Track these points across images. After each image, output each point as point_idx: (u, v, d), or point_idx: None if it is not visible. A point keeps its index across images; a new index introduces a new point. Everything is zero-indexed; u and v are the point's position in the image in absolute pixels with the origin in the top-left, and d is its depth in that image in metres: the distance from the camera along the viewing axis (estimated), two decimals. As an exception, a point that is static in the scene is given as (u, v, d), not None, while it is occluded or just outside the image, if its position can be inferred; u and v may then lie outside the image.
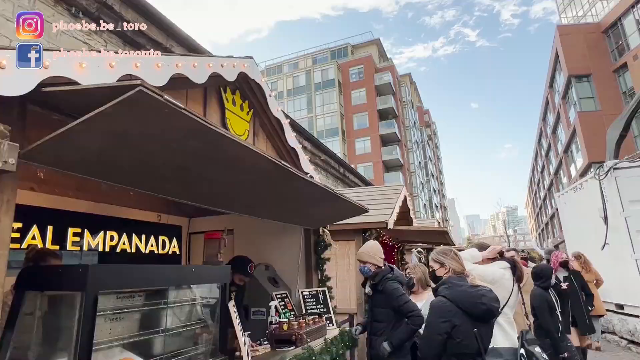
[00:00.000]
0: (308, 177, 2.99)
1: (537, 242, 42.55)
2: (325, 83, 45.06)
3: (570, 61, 26.41)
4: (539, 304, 4.26)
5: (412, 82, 61.17)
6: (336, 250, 6.23)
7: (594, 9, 37.32)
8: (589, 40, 26.79)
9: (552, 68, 30.80)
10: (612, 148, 9.38)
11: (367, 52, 47.50)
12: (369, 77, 44.17)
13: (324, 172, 13.53)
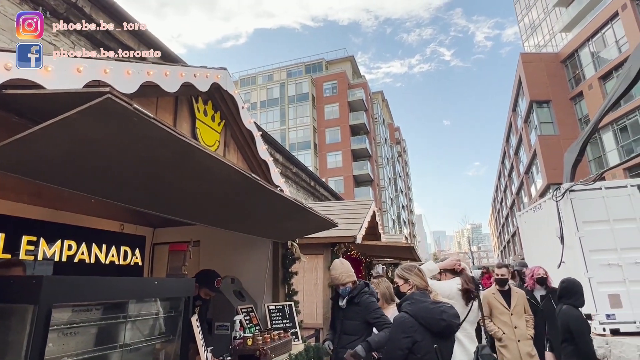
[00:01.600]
0: (278, 190, 2.99)
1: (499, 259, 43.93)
2: (299, 96, 45.38)
3: (532, 87, 27.89)
4: (578, 326, 3.49)
5: (384, 100, 62.58)
6: (304, 264, 6.22)
7: (554, 39, 39.72)
8: (549, 69, 28.45)
9: (516, 93, 32.39)
10: (568, 171, 9.89)
11: (341, 68, 48.30)
12: (343, 93, 44.86)
13: (294, 185, 13.52)
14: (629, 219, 6.91)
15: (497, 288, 4.71)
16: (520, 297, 4.62)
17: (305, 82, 45.72)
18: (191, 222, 3.56)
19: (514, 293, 4.65)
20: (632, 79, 8.91)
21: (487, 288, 6.58)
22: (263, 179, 4.20)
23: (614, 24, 23.94)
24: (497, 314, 4.55)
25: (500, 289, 4.69)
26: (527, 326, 4.49)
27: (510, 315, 4.48)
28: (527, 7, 46.15)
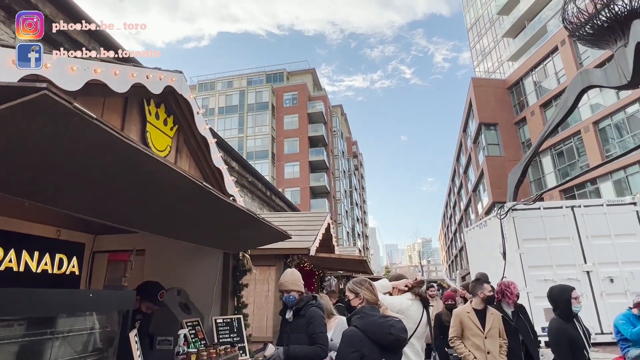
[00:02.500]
0: (231, 200, 2.91)
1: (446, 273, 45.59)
2: (258, 105, 45.10)
3: (481, 110, 29.57)
4: (552, 338, 3.51)
5: (343, 114, 63.68)
6: (256, 276, 6.09)
7: (502, 67, 42.52)
8: (497, 94, 30.34)
9: (467, 114, 34.16)
10: (511, 191, 10.51)
11: (302, 79, 48.68)
12: (303, 104, 45.14)
13: (250, 194, 13.31)
14: (563, 238, 7.43)
15: (473, 307, 4.22)
16: (496, 319, 4.17)
17: (266, 91, 45.57)
18: (136, 230, 3.37)
19: (489, 314, 4.18)
20: (568, 108, 9.67)
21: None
22: (216, 187, 4.09)
23: (554, 57, 26.06)
24: (470, 336, 4.10)
25: (477, 307, 4.21)
26: (500, 352, 4.06)
27: (484, 338, 4.02)
28: (479, 35, 49.15)
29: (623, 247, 7.16)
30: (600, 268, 7.10)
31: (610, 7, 8.38)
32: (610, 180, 21.72)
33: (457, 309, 4.40)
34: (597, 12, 8.62)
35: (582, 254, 7.24)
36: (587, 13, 8.86)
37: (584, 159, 23.43)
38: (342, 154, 55.91)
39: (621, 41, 8.24)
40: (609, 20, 8.39)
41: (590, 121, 22.83)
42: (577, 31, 9.17)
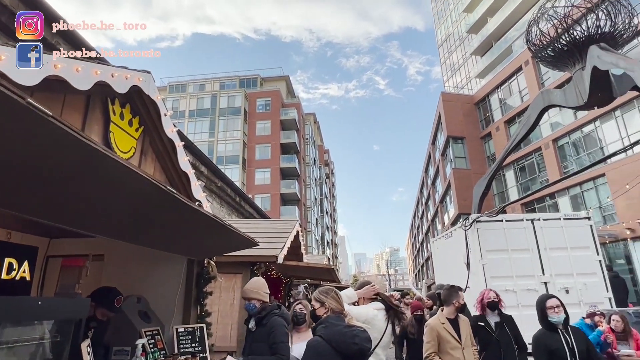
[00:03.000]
0: (196, 205, 2.83)
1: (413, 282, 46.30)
2: (231, 110, 44.60)
3: (449, 124, 30.49)
4: (532, 348, 3.43)
5: (316, 122, 63.97)
6: (221, 284, 5.95)
7: (470, 83, 44.13)
8: (464, 109, 31.41)
9: (435, 127, 35.11)
10: (476, 203, 10.84)
11: (275, 86, 48.61)
12: (276, 111, 45.03)
13: (219, 199, 13.06)
14: (523, 250, 7.70)
15: (447, 316, 3.90)
16: (467, 326, 3.89)
17: (239, 96, 45.16)
18: (94, 234, 3.22)
19: (461, 322, 3.88)
20: (530, 125, 10.11)
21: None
22: (182, 191, 3.98)
23: (519, 76, 27.30)
24: (449, 349, 3.68)
25: (449, 316, 3.90)
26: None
27: (462, 349, 3.68)
28: (449, 52, 50.85)
29: (578, 259, 7.50)
30: (556, 279, 7.40)
31: (570, 32, 8.87)
32: (567, 195, 22.83)
33: (430, 321, 4.02)
34: (558, 36, 9.11)
35: (540, 265, 7.53)
36: (549, 36, 9.35)
37: (544, 174, 24.55)
38: (314, 161, 56.05)
39: (579, 64, 8.73)
40: (568, 44, 8.87)
41: (550, 138, 24.00)
42: (540, 53, 9.65)
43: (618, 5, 8.63)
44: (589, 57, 8.17)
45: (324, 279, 11.50)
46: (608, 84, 8.45)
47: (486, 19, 39.81)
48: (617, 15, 8.54)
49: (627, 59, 7.31)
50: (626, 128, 19.62)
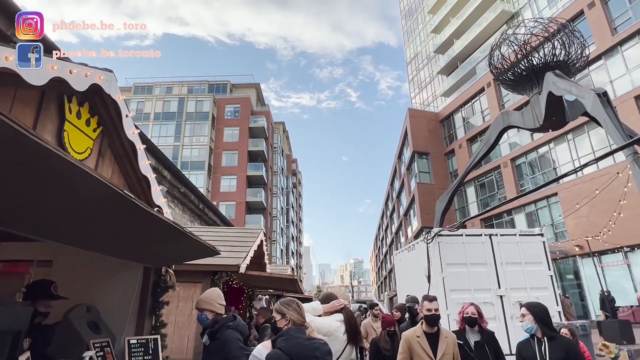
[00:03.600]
0: (155, 211, 2.72)
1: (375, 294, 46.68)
2: (198, 114, 43.76)
3: (415, 140, 31.34)
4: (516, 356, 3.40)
5: (285, 131, 63.93)
6: (179, 293, 5.74)
7: (436, 101, 45.68)
8: (430, 126, 32.42)
9: (402, 142, 35.97)
10: (438, 217, 11.14)
11: (246, 93, 48.26)
12: (245, 118, 44.62)
13: (181, 205, 12.69)
14: (481, 264, 7.95)
15: (425, 330, 3.58)
16: (450, 344, 3.55)
17: (207, 101, 44.44)
18: (41, 239, 3.02)
19: (442, 337, 3.54)
20: (490, 144, 10.55)
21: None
22: (142, 196, 3.83)
23: (481, 97, 28.55)
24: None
25: (428, 330, 3.57)
26: None
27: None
28: (417, 69, 52.51)
29: (531, 274, 7.82)
30: (511, 293, 7.68)
31: (529, 59, 9.40)
32: (523, 212, 23.93)
33: (406, 332, 3.75)
34: (517, 61, 9.63)
35: (497, 279, 7.79)
36: (510, 61, 9.86)
37: (502, 191, 25.64)
38: (282, 170, 55.83)
39: (536, 89, 9.24)
40: (527, 69, 9.39)
41: (509, 158, 25.16)
42: (501, 76, 10.15)
43: (572, 37, 9.25)
44: (545, 83, 8.67)
45: (287, 290, 11.37)
46: (562, 109, 8.99)
47: (453, 40, 41.53)
48: (571, 45, 9.15)
49: (579, 87, 7.82)
50: (577, 151, 20.90)
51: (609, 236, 14.86)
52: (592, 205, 15.60)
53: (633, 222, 15.30)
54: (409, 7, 55.92)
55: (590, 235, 16.33)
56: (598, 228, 15.31)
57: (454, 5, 41.30)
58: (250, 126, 44.46)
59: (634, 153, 6.22)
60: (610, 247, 17.25)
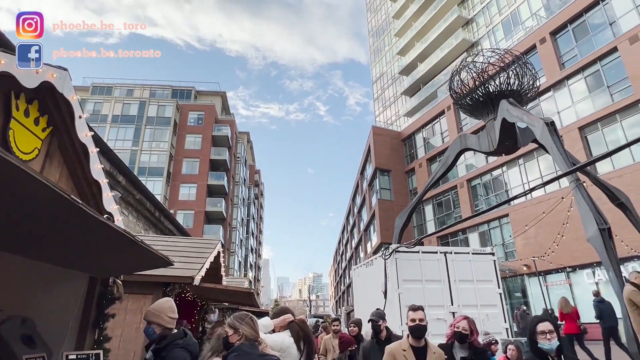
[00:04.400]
0: (104, 218, 2.58)
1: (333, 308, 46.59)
2: (160, 119, 42.47)
3: (377, 157, 32.03)
4: None
5: (249, 141, 63.37)
6: (127, 305, 5.46)
7: (399, 120, 47.06)
8: (392, 144, 33.30)
9: (365, 159, 36.64)
10: (397, 233, 11.37)
11: (211, 101, 47.52)
12: (208, 126, 43.81)
13: (135, 212, 12.16)
14: (436, 280, 8.16)
15: (411, 343, 3.28)
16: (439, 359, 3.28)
17: (170, 107, 43.29)
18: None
19: (430, 352, 3.26)
20: (448, 165, 10.96)
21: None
22: (91, 202, 3.64)
23: (441, 119, 29.75)
24: None
25: (414, 344, 3.27)
26: None
27: None
28: (382, 89, 54.01)
29: (481, 292, 8.12)
30: (463, 309, 7.90)
31: (486, 86, 9.94)
32: (477, 231, 24.92)
33: (390, 345, 3.45)
34: (475, 87, 10.15)
35: (450, 296, 8.02)
36: (468, 87, 10.37)
37: (458, 210, 26.63)
38: (244, 181, 55.08)
39: (492, 115, 9.75)
40: (483, 96, 9.91)
41: (465, 179, 26.25)
42: (460, 100, 10.64)
43: (525, 68, 9.89)
44: (500, 110, 9.18)
45: (243, 303, 11.11)
46: (514, 135, 9.54)
47: (417, 63, 43.19)
48: (524, 76, 9.78)
49: (530, 115, 8.33)
50: (527, 175, 22.16)
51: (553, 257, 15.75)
52: (540, 227, 16.52)
53: (575, 244, 16.32)
54: (377, 28, 57.72)
55: (537, 256, 17.26)
56: (544, 249, 16.20)
57: (419, 30, 43.09)
58: (213, 134, 43.66)
59: (576, 180, 6.67)
60: (554, 267, 18.30)
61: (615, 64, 18.62)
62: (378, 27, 57.26)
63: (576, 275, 18.71)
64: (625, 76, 17.97)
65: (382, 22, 55.68)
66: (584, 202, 6.28)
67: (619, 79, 18.36)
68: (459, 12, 37.09)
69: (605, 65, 19.14)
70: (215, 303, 10.53)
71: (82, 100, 42.83)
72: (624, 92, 17.95)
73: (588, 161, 5.73)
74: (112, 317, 4.29)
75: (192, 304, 8.40)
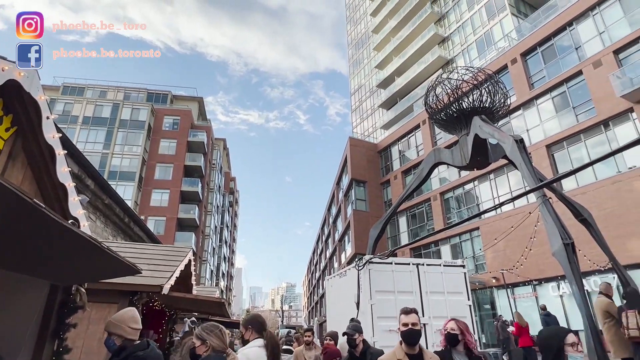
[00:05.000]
0: (68, 223, 2.48)
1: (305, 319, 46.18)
2: (133, 123, 41.45)
3: (354, 168, 32.30)
4: None
5: (226, 148, 62.68)
6: (91, 314, 5.24)
7: (376, 132, 47.74)
8: (368, 155, 33.67)
9: (341, 169, 36.87)
10: (371, 244, 11.42)
11: (187, 106, 46.82)
12: (184, 131, 43.09)
13: (104, 218, 11.75)
14: (408, 292, 8.22)
15: (405, 350, 2.97)
16: None
17: (145, 110, 42.35)
18: None
19: (427, 359, 3.00)
20: (422, 178, 11.14)
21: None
22: (56, 206, 3.50)
23: (417, 132, 30.36)
24: None
25: (408, 351, 2.96)
26: None
27: None
28: (360, 100, 54.75)
29: (452, 303, 8.24)
30: (434, 321, 8.00)
31: (459, 102, 10.22)
32: (449, 244, 25.39)
33: (383, 356, 3.16)
34: (449, 103, 10.42)
35: (421, 307, 8.09)
36: (443, 103, 10.65)
37: (431, 223, 27.09)
38: (219, 188, 54.28)
39: (465, 130, 10.02)
40: (457, 112, 10.19)
41: (438, 192, 26.79)
42: (435, 115, 10.89)
43: (497, 87, 10.25)
44: (473, 126, 9.45)
45: (214, 314, 10.87)
46: (486, 151, 9.82)
47: (394, 77, 44.11)
48: (496, 94, 10.12)
49: (501, 132, 8.61)
50: (497, 189, 22.83)
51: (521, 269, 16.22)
52: (508, 241, 17.01)
53: (541, 257, 16.87)
54: (356, 41, 58.69)
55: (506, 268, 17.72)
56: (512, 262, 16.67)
57: (397, 46, 44.11)
58: (189, 140, 42.96)
59: (543, 196, 6.91)
60: (522, 280, 18.82)
61: (581, 86, 19.59)
62: (358, 40, 58.26)
63: (542, 288, 19.30)
64: (589, 98, 18.90)
65: (362, 35, 56.71)
66: (550, 218, 6.50)
67: (583, 100, 19.30)
68: (435, 29, 38.27)
69: (571, 87, 20.10)
70: (184, 313, 10.25)
71: (51, 100, 41.37)
72: (588, 113, 18.88)
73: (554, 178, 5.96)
74: (74, 327, 4.10)
75: (161, 314, 8.14)
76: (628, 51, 17.90)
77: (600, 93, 18.16)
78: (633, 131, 16.88)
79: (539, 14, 24.20)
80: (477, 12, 33.94)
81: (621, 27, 18.37)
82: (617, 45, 18.10)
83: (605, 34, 19.00)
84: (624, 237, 15.60)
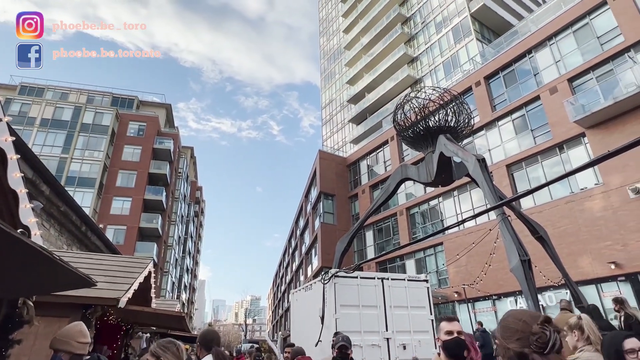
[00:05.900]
0: (17, 232, 2.33)
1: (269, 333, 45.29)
2: (96, 127, 39.88)
3: (323, 181, 32.44)
4: None
5: (193, 157, 61.42)
6: (38, 329, 4.91)
7: (345, 147, 48.34)
8: (337, 169, 33.96)
9: (310, 182, 36.93)
10: (337, 258, 11.45)
11: (154, 112, 45.65)
12: (150, 138, 41.88)
13: (59, 226, 11.14)
14: (372, 306, 8.25)
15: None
16: None
17: (109, 115, 40.90)
18: None
19: None
20: (389, 193, 11.34)
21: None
22: (6, 213, 3.29)
23: (385, 148, 30.97)
24: None
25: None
26: None
27: None
28: (331, 114, 55.38)
29: (415, 318, 8.34)
30: (397, 335, 8.05)
31: (426, 121, 10.55)
32: (413, 258, 25.82)
33: None
34: (417, 121, 10.73)
35: (385, 322, 8.13)
36: (410, 120, 10.95)
37: (397, 237, 27.50)
38: (184, 197, 52.91)
39: (430, 148, 10.32)
40: (424, 130, 10.49)
41: (404, 207, 27.31)
42: (402, 132, 11.17)
43: (462, 107, 10.66)
44: (438, 144, 9.75)
45: (173, 328, 10.47)
46: (450, 169, 10.14)
47: (364, 94, 45.02)
48: (461, 114, 10.52)
49: (464, 151, 8.93)
50: (460, 206, 23.55)
51: (481, 284, 16.71)
52: (470, 256, 17.52)
53: (500, 273, 17.46)
54: (329, 55, 59.62)
55: (467, 283, 18.19)
56: (473, 277, 17.15)
57: (368, 63, 45.17)
58: (154, 147, 41.76)
59: (502, 213, 7.19)
60: (482, 295, 19.36)
61: (538, 110, 20.72)
62: (330, 55, 59.19)
63: (501, 302, 19.92)
64: (546, 122, 20.02)
65: (335, 50, 57.70)
66: (509, 235, 6.77)
67: (541, 123, 20.41)
68: (405, 49, 39.53)
69: (530, 110, 21.22)
70: (141, 327, 9.82)
71: (6, 100, 39.12)
72: (545, 136, 19.96)
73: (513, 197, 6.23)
74: (18, 343, 3.82)
75: (116, 328, 7.76)
76: (581, 79, 19.16)
77: (556, 117, 19.28)
78: (584, 154, 17.98)
79: (502, 40, 25.53)
80: (444, 35, 35.41)
81: (575, 57, 19.68)
82: (571, 74, 19.34)
83: (560, 63, 20.28)
84: (576, 254, 16.45)
